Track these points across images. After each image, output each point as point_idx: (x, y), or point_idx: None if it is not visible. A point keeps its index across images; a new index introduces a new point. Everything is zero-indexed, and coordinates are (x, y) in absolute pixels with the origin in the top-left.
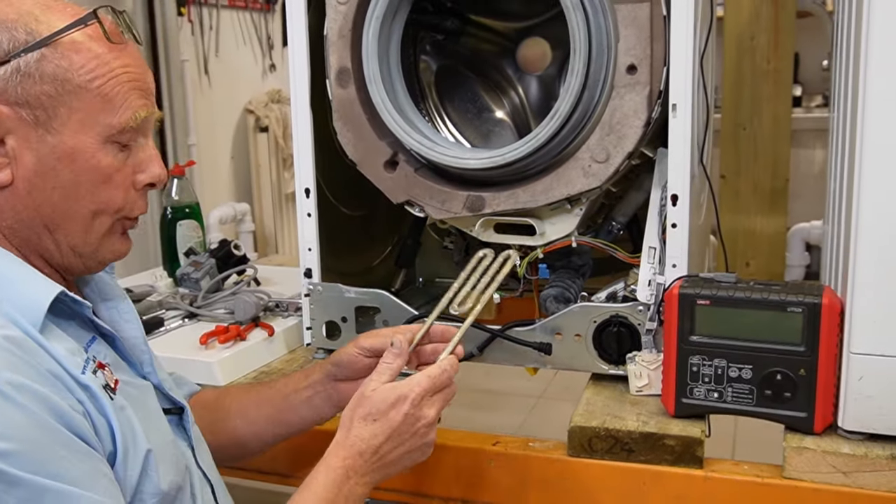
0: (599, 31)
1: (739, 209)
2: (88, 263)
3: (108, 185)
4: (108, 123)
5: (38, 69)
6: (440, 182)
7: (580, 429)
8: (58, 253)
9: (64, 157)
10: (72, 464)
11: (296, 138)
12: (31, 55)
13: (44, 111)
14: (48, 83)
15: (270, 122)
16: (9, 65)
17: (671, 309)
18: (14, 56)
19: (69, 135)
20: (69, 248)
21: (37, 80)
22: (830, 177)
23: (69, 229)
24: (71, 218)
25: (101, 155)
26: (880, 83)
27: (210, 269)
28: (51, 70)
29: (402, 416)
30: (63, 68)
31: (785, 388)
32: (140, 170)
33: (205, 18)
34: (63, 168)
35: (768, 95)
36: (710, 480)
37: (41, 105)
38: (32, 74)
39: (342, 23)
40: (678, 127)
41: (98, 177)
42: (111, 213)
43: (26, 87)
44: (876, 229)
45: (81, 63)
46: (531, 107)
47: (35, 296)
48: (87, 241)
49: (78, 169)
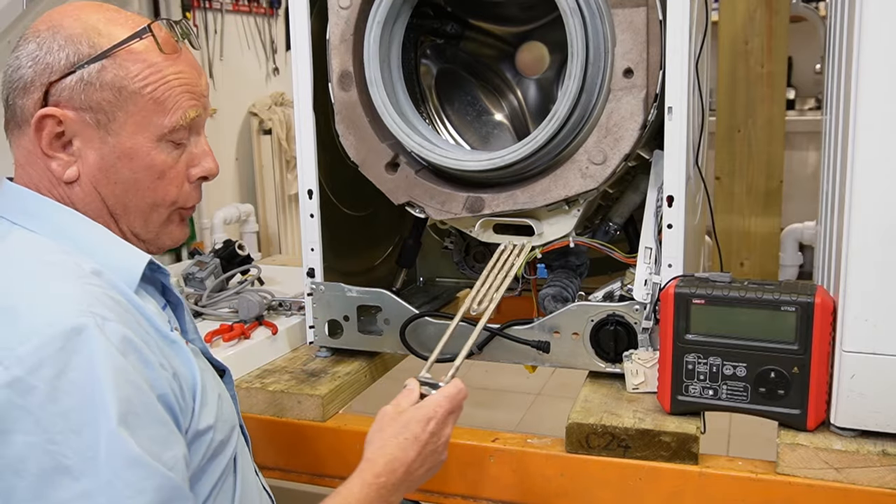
0: (597, 35)
1: (734, 210)
2: (150, 248)
3: (162, 180)
4: (160, 124)
5: (98, 78)
6: (440, 183)
7: (578, 426)
8: (123, 236)
9: (123, 156)
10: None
11: (299, 140)
12: (93, 66)
13: (104, 115)
14: (108, 90)
15: (274, 124)
16: (74, 75)
17: (667, 308)
18: (78, 67)
19: (126, 136)
20: (132, 234)
21: (97, 88)
22: (823, 178)
23: (130, 219)
24: (131, 209)
25: (155, 153)
26: (872, 86)
27: (215, 268)
28: (110, 79)
29: (429, 435)
30: (120, 77)
31: (778, 386)
32: (193, 164)
33: (209, 23)
34: (122, 166)
35: (762, 98)
36: (705, 476)
37: (102, 110)
38: (94, 83)
39: (344, 27)
40: (674, 129)
41: (154, 173)
42: (167, 206)
43: (89, 94)
44: (868, 230)
45: (136, 72)
46: (530, 110)
47: (130, 263)
48: (147, 230)
49: (135, 167)
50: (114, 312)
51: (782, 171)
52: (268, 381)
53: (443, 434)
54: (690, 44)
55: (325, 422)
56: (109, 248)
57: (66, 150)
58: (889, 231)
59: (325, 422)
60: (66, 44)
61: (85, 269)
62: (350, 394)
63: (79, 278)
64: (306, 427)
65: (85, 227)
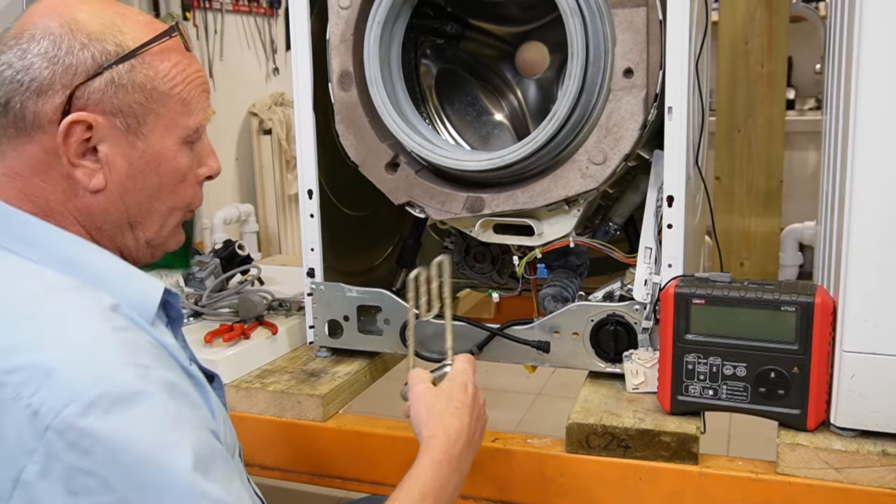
0: (597, 35)
1: (734, 210)
2: (156, 253)
3: (183, 183)
4: (186, 125)
5: (129, 79)
6: (440, 183)
7: (578, 426)
8: (135, 248)
9: (152, 160)
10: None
11: (299, 140)
12: (122, 66)
13: (135, 118)
14: (138, 92)
15: (274, 124)
16: (102, 76)
17: (667, 308)
18: (106, 67)
19: (156, 139)
20: (145, 242)
21: (129, 90)
22: (823, 178)
23: (148, 225)
24: (152, 215)
25: (180, 156)
26: (872, 86)
27: (215, 268)
28: (140, 79)
29: (472, 399)
30: (150, 77)
31: (778, 386)
32: (200, 164)
33: (209, 23)
34: (150, 170)
35: (762, 98)
36: (705, 476)
37: (133, 113)
38: (125, 84)
39: (344, 27)
40: (674, 129)
41: (178, 177)
42: (183, 209)
43: (120, 96)
44: (868, 230)
45: (165, 71)
46: (530, 110)
47: (146, 294)
48: (160, 235)
49: (162, 171)
50: (152, 357)
51: (782, 171)
52: (268, 381)
53: (480, 395)
54: (690, 44)
55: (325, 422)
56: (123, 279)
57: (91, 157)
58: (889, 231)
59: (326, 422)
60: (90, 42)
61: (104, 304)
62: (350, 394)
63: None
64: (306, 427)
65: (94, 256)
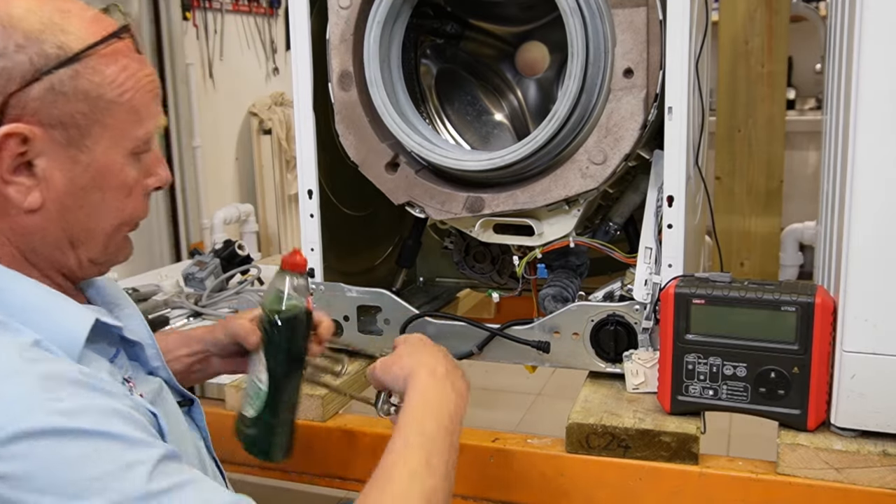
0: (597, 35)
1: (734, 210)
2: (102, 270)
3: (129, 198)
4: (135, 136)
5: (72, 86)
6: (440, 183)
7: (578, 426)
8: (78, 267)
9: (96, 175)
10: None
11: (298, 140)
12: (64, 71)
13: (77, 130)
14: (82, 101)
15: (274, 124)
16: (41, 83)
17: (667, 308)
18: (45, 73)
19: (101, 152)
20: (88, 260)
21: (71, 99)
22: (824, 178)
23: (91, 245)
24: (95, 234)
25: (127, 169)
26: (872, 86)
27: (215, 268)
28: (84, 86)
29: (419, 338)
30: (96, 84)
31: (779, 386)
32: (148, 174)
33: (209, 23)
34: (93, 187)
35: (762, 98)
36: (705, 476)
37: (75, 124)
38: (67, 93)
39: (344, 27)
40: (674, 129)
41: (124, 192)
42: (131, 224)
43: (61, 106)
44: (868, 230)
45: (113, 76)
46: (530, 109)
47: (72, 327)
48: (106, 252)
49: (106, 186)
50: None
51: (782, 171)
52: None
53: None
54: (690, 44)
55: (325, 422)
56: (47, 308)
57: (26, 172)
58: (889, 231)
59: (325, 422)
60: (27, 43)
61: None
62: None
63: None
64: (306, 427)
65: (17, 284)
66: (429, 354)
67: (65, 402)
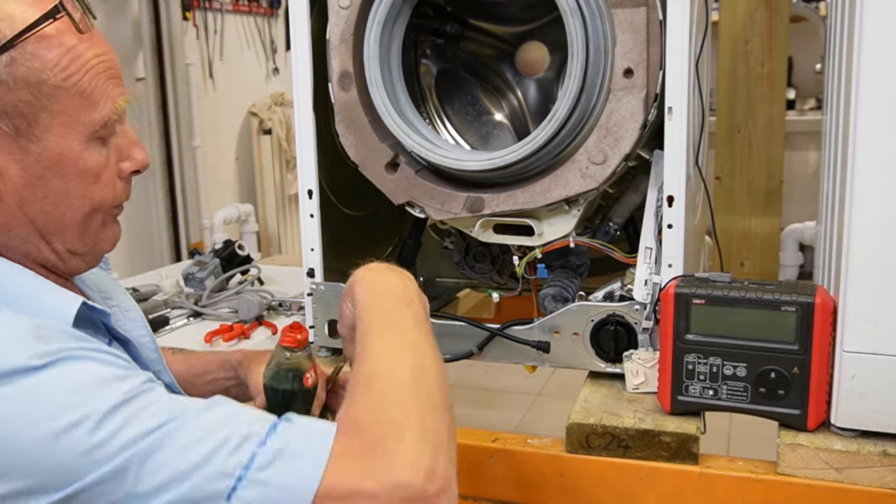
0: (597, 35)
1: (734, 210)
2: (88, 260)
3: (97, 184)
4: (90, 121)
5: (10, 74)
6: (440, 183)
7: (578, 426)
8: (58, 260)
9: (51, 164)
10: None
11: (299, 141)
12: (0, 58)
13: (23, 119)
14: (23, 88)
15: (274, 124)
16: None
17: (667, 308)
18: None
19: (53, 140)
20: (68, 252)
21: (11, 87)
22: (824, 178)
23: (65, 235)
24: (66, 224)
25: (87, 155)
26: (872, 86)
27: (215, 268)
28: (23, 73)
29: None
30: (36, 69)
31: (779, 386)
32: (123, 157)
33: (210, 23)
34: (52, 176)
35: (762, 98)
36: (705, 476)
37: (20, 114)
38: (6, 81)
39: (344, 27)
40: (674, 129)
41: (88, 178)
42: (104, 211)
43: (2, 96)
44: (868, 230)
45: (55, 60)
46: (530, 110)
47: (58, 310)
48: (84, 242)
49: (67, 174)
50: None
51: (782, 171)
52: None
53: None
54: (690, 44)
55: None
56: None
57: None
58: (889, 231)
59: None
60: None
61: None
62: None
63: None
64: None
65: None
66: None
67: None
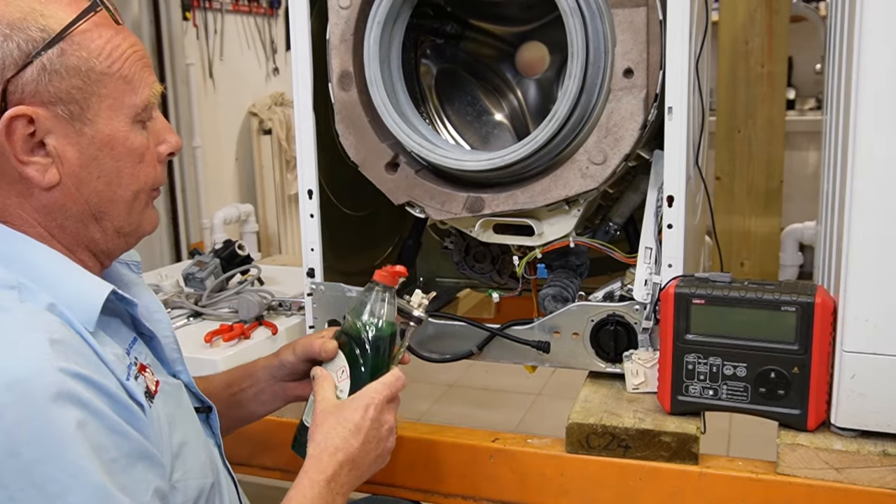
0: (597, 35)
1: (734, 210)
2: (130, 241)
3: (143, 163)
4: (133, 104)
5: (62, 64)
6: (440, 183)
7: (578, 426)
8: (104, 240)
9: (103, 145)
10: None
11: (299, 140)
12: (51, 51)
13: (76, 105)
14: (75, 76)
15: (274, 124)
16: (33, 65)
17: (667, 308)
18: (35, 55)
19: (103, 122)
20: (115, 231)
21: (64, 76)
22: (824, 178)
23: (114, 213)
24: (116, 202)
25: (132, 136)
26: (872, 86)
27: (215, 268)
28: (74, 62)
29: (370, 423)
30: (84, 58)
31: (779, 386)
32: (159, 141)
33: (209, 23)
34: (104, 156)
35: (762, 98)
36: (705, 476)
37: (73, 99)
38: (59, 70)
39: (344, 27)
40: (674, 129)
41: (135, 158)
42: (147, 190)
43: (56, 84)
44: (868, 230)
45: (98, 49)
46: (530, 110)
47: (88, 296)
48: (129, 221)
49: (117, 154)
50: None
51: (782, 171)
52: None
53: (384, 420)
54: (690, 44)
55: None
56: (65, 278)
57: (40, 152)
58: (889, 231)
59: None
60: (12, 32)
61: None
62: None
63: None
64: None
65: (39, 255)
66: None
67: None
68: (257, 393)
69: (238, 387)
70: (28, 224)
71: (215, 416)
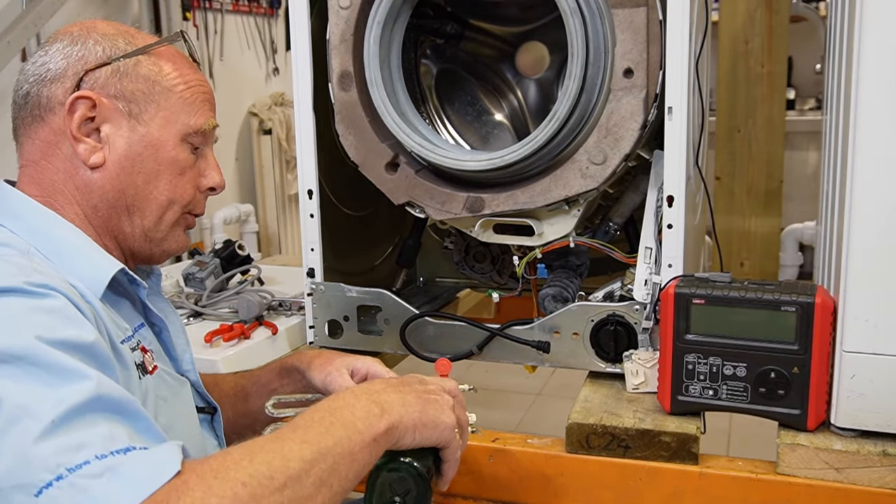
0: (597, 35)
1: (734, 210)
2: (154, 250)
3: (182, 177)
4: (186, 123)
5: (134, 70)
6: (440, 183)
7: (578, 426)
8: (131, 235)
9: (150, 146)
10: None
11: (299, 141)
12: (129, 60)
13: (136, 105)
14: (142, 82)
15: (274, 124)
16: (110, 66)
17: (667, 308)
18: (115, 59)
19: (155, 128)
20: (142, 231)
21: (133, 79)
22: (823, 178)
23: (146, 211)
24: (149, 202)
25: (178, 150)
26: (872, 86)
27: (215, 268)
28: (144, 72)
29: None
30: (154, 72)
31: (779, 386)
32: (204, 174)
33: (210, 23)
34: (148, 156)
35: (762, 98)
36: (705, 476)
37: (135, 100)
38: (130, 74)
39: (344, 27)
40: (674, 129)
41: (175, 168)
42: (181, 205)
43: (124, 83)
44: (868, 230)
45: (168, 71)
46: (530, 110)
47: (98, 269)
48: (158, 228)
49: (160, 158)
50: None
51: (782, 171)
52: None
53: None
54: (690, 44)
55: None
56: (81, 251)
57: (94, 136)
58: (889, 231)
59: None
60: (102, 40)
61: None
62: None
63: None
64: None
65: (62, 230)
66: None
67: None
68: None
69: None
70: (68, 202)
71: (219, 417)
